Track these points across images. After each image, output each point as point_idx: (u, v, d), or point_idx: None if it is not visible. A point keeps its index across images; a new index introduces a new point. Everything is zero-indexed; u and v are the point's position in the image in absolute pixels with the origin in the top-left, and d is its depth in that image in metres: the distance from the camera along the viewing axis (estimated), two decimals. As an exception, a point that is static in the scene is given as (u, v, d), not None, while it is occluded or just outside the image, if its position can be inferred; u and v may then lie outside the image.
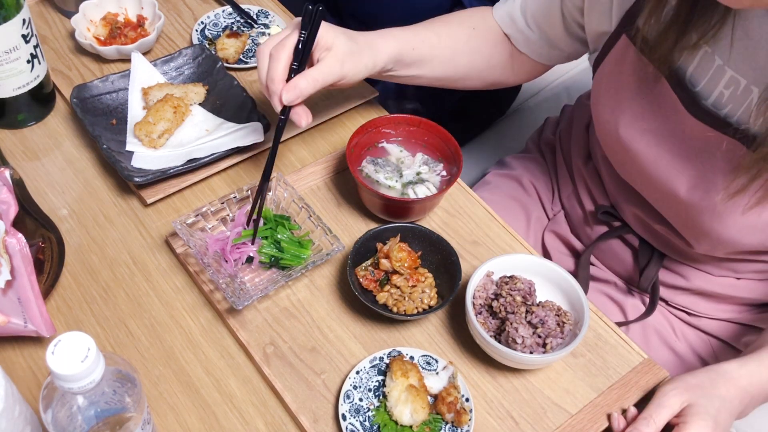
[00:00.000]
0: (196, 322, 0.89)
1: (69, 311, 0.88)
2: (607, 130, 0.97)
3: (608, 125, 0.96)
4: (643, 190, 0.99)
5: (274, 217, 0.93)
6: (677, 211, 0.94)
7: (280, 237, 0.91)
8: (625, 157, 0.97)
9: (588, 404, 0.84)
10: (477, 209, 1.02)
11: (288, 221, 0.94)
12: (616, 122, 0.94)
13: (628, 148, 0.94)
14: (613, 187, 1.06)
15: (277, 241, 0.91)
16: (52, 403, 0.63)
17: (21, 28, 0.97)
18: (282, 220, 0.93)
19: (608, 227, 1.10)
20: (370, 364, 0.84)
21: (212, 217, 0.93)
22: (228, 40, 1.17)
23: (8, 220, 0.80)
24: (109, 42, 1.15)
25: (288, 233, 0.92)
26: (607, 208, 1.07)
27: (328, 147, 1.08)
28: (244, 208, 0.93)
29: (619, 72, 0.93)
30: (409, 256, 0.90)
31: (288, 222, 0.94)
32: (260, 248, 0.91)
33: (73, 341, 0.59)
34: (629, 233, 1.07)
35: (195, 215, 0.91)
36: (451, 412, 0.80)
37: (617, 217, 1.07)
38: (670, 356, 1.07)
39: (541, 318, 0.83)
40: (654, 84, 0.89)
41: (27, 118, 1.07)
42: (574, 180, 1.17)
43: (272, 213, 0.94)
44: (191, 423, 0.81)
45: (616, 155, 1.00)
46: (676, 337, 1.08)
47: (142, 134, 1.01)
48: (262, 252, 0.91)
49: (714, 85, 0.84)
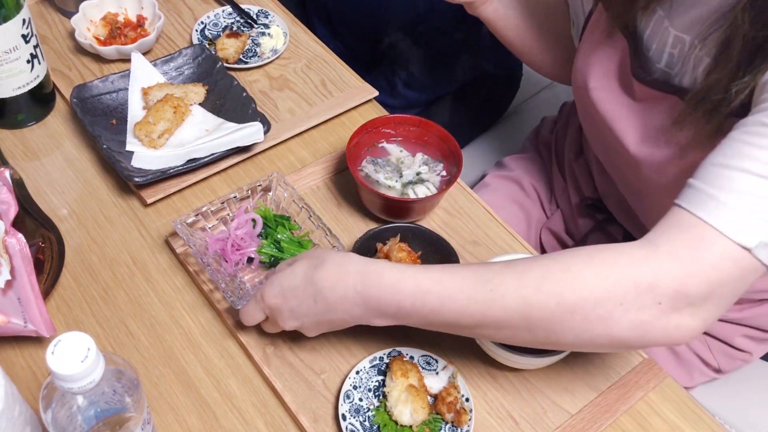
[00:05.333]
0: (196, 322, 0.89)
1: (69, 311, 0.88)
2: (580, 94, 0.98)
3: (581, 90, 0.98)
4: (601, 153, 1.01)
5: (274, 217, 0.93)
6: (629, 172, 0.95)
7: (280, 237, 0.91)
8: (593, 121, 0.98)
9: (588, 404, 0.84)
10: (477, 209, 1.02)
11: (288, 221, 0.94)
12: (586, 82, 0.96)
13: (597, 109, 0.95)
14: (601, 178, 1.07)
15: (277, 241, 0.91)
16: (52, 403, 0.63)
17: (21, 28, 0.97)
18: (282, 220, 0.93)
19: (594, 221, 1.11)
20: (370, 364, 0.84)
21: (212, 217, 0.93)
22: (228, 40, 1.17)
23: (8, 220, 0.80)
24: (109, 42, 1.15)
25: (288, 233, 0.92)
26: (591, 200, 1.09)
27: (328, 147, 1.08)
28: (243, 207, 0.93)
29: (591, 35, 0.96)
30: (409, 256, 0.90)
31: (288, 222, 0.93)
32: (260, 248, 0.91)
33: (73, 341, 0.59)
34: (613, 225, 1.08)
35: (195, 215, 0.91)
36: (451, 412, 0.80)
37: (601, 209, 1.09)
38: (669, 356, 1.07)
39: (541, 318, 0.84)
40: (617, 46, 0.92)
41: (27, 118, 1.07)
42: (564, 176, 1.18)
43: (272, 213, 0.94)
44: (191, 423, 0.81)
45: (586, 122, 1.02)
46: None
47: (142, 134, 1.01)
48: (262, 252, 0.91)
49: (663, 46, 0.86)
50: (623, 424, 0.83)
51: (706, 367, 1.09)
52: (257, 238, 0.92)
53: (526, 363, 0.83)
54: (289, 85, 1.15)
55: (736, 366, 1.10)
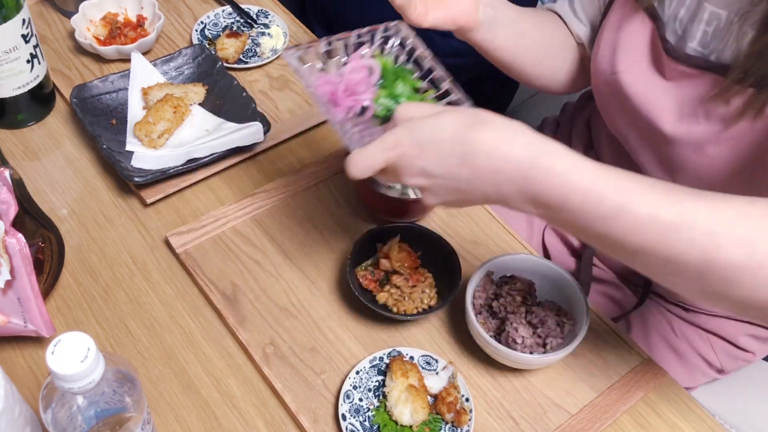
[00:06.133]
0: (196, 322, 0.89)
1: (69, 311, 0.88)
2: (605, 81, 0.97)
3: (606, 76, 0.96)
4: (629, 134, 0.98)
5: (394, 69, 0.82)
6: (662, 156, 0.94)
7: (399, 90, 0.80)
8: (621, 107, 0.97)
9: (588, 404, 0.84)
10: (477, 209, 1.02)
11: (410, 74, 0.83)
12: (613, 67, 0.94)
13: (627, 92, 0.94)
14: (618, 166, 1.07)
15: (395, 95, 0.80)
16: (52, 403, 0.63)
17: (21, 28, 0.97)
18: (403, 72, 0.82)
19: None
20: (370, 364, 0.84)
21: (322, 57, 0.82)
22: (228, 40, 1.17)
23: (8, 220, 0.80)
24: (109, 42, 1.15)
25: (408, 88, 0.81)
26: None
27: (328, 147, 1.08)
28: (360, 52, 0.82)
29: (614, 21, 0.95)
30: (409, 256, 0.90)
31: (410, 75, 0.83)
32: (376, 98, 0.79)
33: (73, 341, 0.59)
34: None
35: (307, 47, 0.80)
36: (451, 412, 0.80)
37: None
38: (671, 356, 1.07)
39: (541, 318, 0.84)
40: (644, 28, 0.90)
41: (27, 118, 1.07)
42: None
43: (391, 64, 0.83)
44: (191, 423, 0.81)
45: (611, 109, 1.00)
46: (676, 335, 1.08)
47: (142, 134, 1.01)
48: (379, 102, 0.79)
49: (697, 23, 0.85)
50: (623, 424, 0.83)
51: (708, 367, 1.09)
52: (373, 87, 0.81)
53: (526, 363, 0.83)
54: (289, 85, 1.15)
55: (738, 366, 1.10)
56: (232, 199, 1.00)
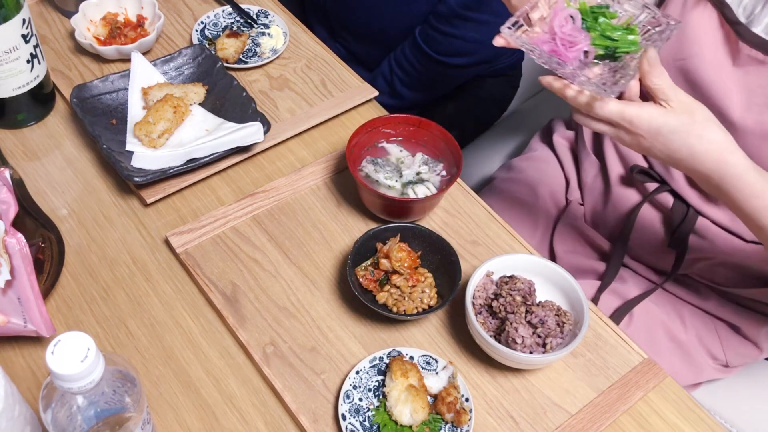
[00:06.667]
0: (196, 322, 0.89)
1: (69, 311, 0.88)
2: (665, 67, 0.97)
3: (667, 62, 0.97)
4: None
5: (591, 9, 0.85)
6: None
7: (605, 27, 0.85)
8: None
9: (588, 404, 0.84)
10: (477, 209, 1.02)
11: (607, 9, 0.86)
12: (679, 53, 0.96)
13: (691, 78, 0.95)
14: None
15: (606, 34, 0.84)
16: (52, 403, 0.63)
17: (21, 28, 0.97)
18: (600, 10, 0.85)
19: (642, 192, 1.09)
20: (369, 364, 0.84)
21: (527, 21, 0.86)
22: (228, 40, 1.17)
23: (8, 220, 0.80)
24: (109, 42, 1.15)
25: (608, 23, 0.85)
26: (641, 167, 1.07)
27: (328, 147, 1.08)
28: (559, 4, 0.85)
29: (673, 9, 0.97)
30: (409, 256, 0.90)
31: (607, 10, 0.86)
32: (592, 41, 0.84)
33: (73, 341, 0.59)
34: (664, 191, 1.06)
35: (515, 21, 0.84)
36: (450, 412, 0.80)
37: (652, 176, 1.07)
38: (675, 349, 1.07)
39: (541, 318, 0.84)
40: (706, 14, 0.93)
41: (27, 118, 1.07)
42: (603, 153, 1.15)
43: (585, 5, 0.86)
44: (191, 423, 0.81)
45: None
46: (684, 326, 1.08)
47: (142, 134, 1.01)
48: (596, 44, 0.84)
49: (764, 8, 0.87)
50: (623, 424, 0.83)
51: (713, 361, 1.09)
52: (584, 31, 0.85)
53: (526, 363, 0.83)
54: (289, 85, 1.15)
55: (743, 362, 1.10)
56: (232, 199, 1.00)
